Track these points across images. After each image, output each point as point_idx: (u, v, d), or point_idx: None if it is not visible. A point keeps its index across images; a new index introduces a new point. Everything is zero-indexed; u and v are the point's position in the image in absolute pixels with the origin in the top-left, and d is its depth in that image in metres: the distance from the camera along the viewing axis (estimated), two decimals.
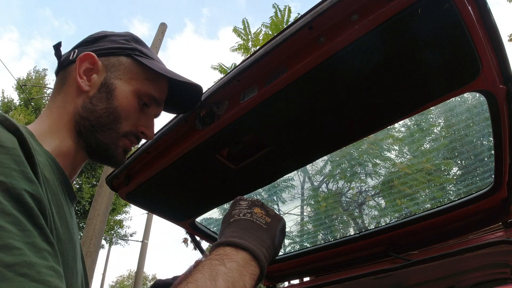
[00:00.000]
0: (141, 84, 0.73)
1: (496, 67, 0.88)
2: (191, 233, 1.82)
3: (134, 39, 0.78)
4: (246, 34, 9.09)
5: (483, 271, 1.41)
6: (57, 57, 0.74)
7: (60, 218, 0.53)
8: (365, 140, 6.04)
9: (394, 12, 0.76)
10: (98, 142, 0.69)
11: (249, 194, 1.58)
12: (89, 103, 0.69)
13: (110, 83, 0.70)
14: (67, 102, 0.69)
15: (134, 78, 0.72)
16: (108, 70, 0.71)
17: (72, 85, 0.70)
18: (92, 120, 0.68)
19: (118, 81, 0.71)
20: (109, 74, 0.71)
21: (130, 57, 0.74)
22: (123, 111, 0.70)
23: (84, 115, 0.68)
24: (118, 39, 0.76)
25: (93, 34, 0.78)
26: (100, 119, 0.68)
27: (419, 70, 0.91)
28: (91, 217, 5.93)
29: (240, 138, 1.17)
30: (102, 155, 0.71)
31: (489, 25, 0.79)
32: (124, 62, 0.73)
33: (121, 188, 1.40)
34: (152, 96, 0.75)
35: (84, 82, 0.69)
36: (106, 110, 0.69)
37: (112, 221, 16.48)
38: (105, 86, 0.70)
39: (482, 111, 4.01)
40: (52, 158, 0.60)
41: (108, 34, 0.77)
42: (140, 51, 0.76)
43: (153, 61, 0.77)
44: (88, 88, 0.69)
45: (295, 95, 0.97)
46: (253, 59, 0.92)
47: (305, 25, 0.81)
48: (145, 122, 0.75)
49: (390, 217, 6.38)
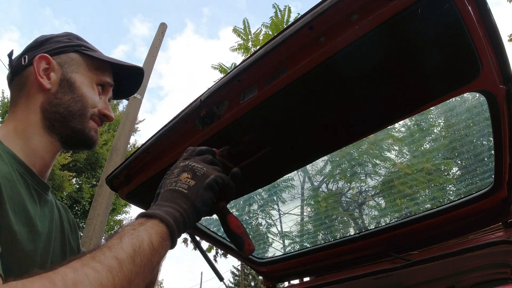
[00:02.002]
0: (94, 73, 0.83)
1: (496, 67, 0.88)
2: (191, 233, 1.82)
3: (75, 37, 0.87)
4: (246, 34, 9.10)
5: (483, 271, 1.41)
6: (9, 65, 0.80)
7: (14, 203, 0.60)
8: (365, 140, 6.04)
9: (394, 12, 0.76)
10: (73, 129, 0.77)
11: (249, 194, 1.58)
12: (54, 98, 0.75)
13: (69, 77, 0.78)
14: (30, 104, 0.75)
15: (86, 69, 0.82)
16: (62, 67, 0.79)
17: (32, 87, 0.75)
18: (62, 111, 0.75)
19: (75, 74, 0.79)
20: (65, 70, 0.78)
21: (78, 52, 0.83)
22: (87, 97, 0.79)
23: (53, 110, 0.75)
24: (62, 39, 0.84)
25: (37, 39, 0.85)
26: (69, 108, 0.76)
27: (419, 70, 0.91)
28: (91, 217, 5.93)
29: (240, 138, 1.17)
30: (79, 140, 0.79)
31: (489, 25, 0.79)
32: (74, 57, 0.82)
33: (121, 188, 1.40)
34: (105, 81, 0.85)
35: (45, 80, 0.75)
36: (73, 100, 0.76)
37: (112, 221, 16.48)
38: (65, 81, 0.77)
39: (482, 111, 4.01)
40: (10, 152, 0.67)
41: (51, 36, 0.85)
42: (85, 46, 0.84)
43: (97, 53, 0.86)
44: (50, 86, 0.76)
45: (295, 95, 0.97)
46: (253, 59, 0.92)
47: (305, 25, 0.81)
48: (104, 105, 0.84)
49: (390, 217, 6.38)
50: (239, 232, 0.74)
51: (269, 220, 7.27)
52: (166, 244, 0.58)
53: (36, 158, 0.73)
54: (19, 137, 0.72)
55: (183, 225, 0.61)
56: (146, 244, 0.53)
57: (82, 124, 0.78)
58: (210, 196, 0.67)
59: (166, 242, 0.58)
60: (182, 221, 0.61)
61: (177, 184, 0.67)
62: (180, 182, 0.67)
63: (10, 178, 0.62)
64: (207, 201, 0.66)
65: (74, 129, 0.77)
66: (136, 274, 0.50)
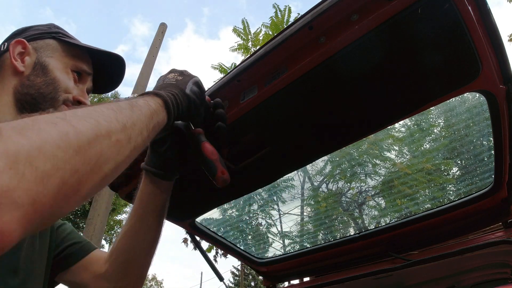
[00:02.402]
0: (69, 59, 0.83)
1: (496, 67, 0.88)
2: (191, 233, 1.82)
3: (56, 26, 0.88)
4: (246, 34, 9.10)
5: (483, 271, 1.41)
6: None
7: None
8: (365, 140, 6.04)
9: (394, 12, 0.76)
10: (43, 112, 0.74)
11: (249, 194, 1.58)
12: (27, 80, 0.76)
13: (43, 61, 0.79)
14: (4, 85, 0.76)
15: (62, 55, 0.82)
16: (38, 51, 0.80)
17: (7, 70, 0.77)
18: (33, 93, 0.75)
19: (49, 59, 0.80)
20: (40, 54, 0.79)
21: (55, 39, 0.84)
22: (60, 81, 0.78)
23: (24, 91, 0.75)
24: (42, 27, 0.86)
25: (19, 28, 0.87)
26: (40, 90, 0.76)
27: (419, 70, 0.91)
28: (91, 217, 5.93)
29: (240, 138, 1.17)
30: None
31: (489, 25, 0.79)
32: (51, 43, 0.83)
33: (121, 188, 1.40)
34: (81, 68, 0.84)
35: (19, 63, 0.77)
36: (45, 82, 0.77)
37: (112, 221, 16.48)
38: (39, 64, 0.78)
39: (482, 111, 4.01)
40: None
41: (33, 26, 0.87)
42: (62, 34, 0.86)
43: (75, 40, 0.86)
44: (23, 69, 0.77)
45: (295, 95, 0.97)
46: (253, 59, 0.92)
47: (305, 25, 0.81)
48: (80, 92, 0.83)
49: (390, 217, 6.39)
50: (212, 158, 0.72)
51: (269, 220, 7.28)
52: (162, 113, 0.59)
53: None
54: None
55: (175, 103, 0.63)
56: (142, 102, 0.55)
57: (53, 107, 0.77)
58: (197, 91, 0.70)
59: (161, 110, 0.59)
60: (175, 100, 0.63)
61: (165, 80, 0.71)
62: (167, 78, 0.72)
63: None
64: (195, 92, 0.69)
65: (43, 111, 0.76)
66: (132, 122, 0.49)
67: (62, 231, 0.86)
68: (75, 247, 0.85)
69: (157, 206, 0.79)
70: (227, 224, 5.73)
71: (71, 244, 0.85)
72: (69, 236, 0.86)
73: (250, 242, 6.41)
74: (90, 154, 0.38)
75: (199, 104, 0.72)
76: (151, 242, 0.81)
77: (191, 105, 0.69)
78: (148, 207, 0.79)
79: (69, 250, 0.83)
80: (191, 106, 0.69)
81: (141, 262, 0.81)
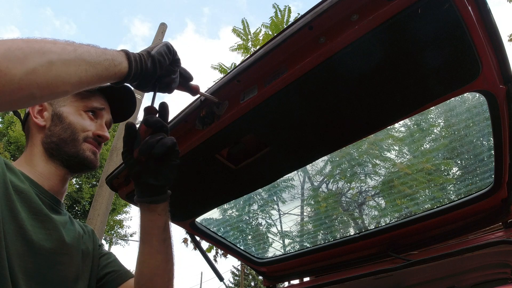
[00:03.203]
0: (80, 102, 0.91)
1: (496, 67, 0.88)
2: (191, 233, 1.82)
3: None
4: (245, 34, 9.10)
5: (483, 271, 1.41)
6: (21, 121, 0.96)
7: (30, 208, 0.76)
8: (365, 140, 6.04)
9: (394, 12, 0.76)
10: (67, 153, 0.87)
11: (249, 194, 1.58)
12: (48, 131, 0.88)
13: (58, 111, 0.89)
14: (34, 140, 0.89)
15: (72, 100, 0.91)
16: (52, 105, 0.90)
17: (33, 128, 0.90)
18: (56, 140, 0.87)
19: (62, 108, 0.89)
20: (54, 106, 0.90)
21: None
22: (75, 124, 0.88)
23: (49, 140, 0.87)
24: None
25: None
26: (61, 136, 0.87)
27: (419, 70, 0.91)
28: (91, 217, 5.93)
29: (240, 138, 1.17)
30: (76, 162, 0.88)
31: (489, 25, 0.79)
32: None
33: (121, 188, 1.40)
34: (92, 106, 0.92)
35: (39, 120, 0.89)
36: (62, 129, 0.87)
37: (112, 221, 16.47)
38: (55, 115, 0.89)
39: (482, 111, 4.01)
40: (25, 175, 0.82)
41: None
42: None
43: None
44: (44, 123, 0.88)
45: (295, 95, 0.97)
46: (253, 59, 0.92)
47: (305, 25, 0.81)
48: (98, 127, 0.92)
49: (390, 217, 6.39)
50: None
51: (269, 220, 7.28)
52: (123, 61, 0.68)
53: (44, 179, 0.85)
54: (27, 165, 0.86)
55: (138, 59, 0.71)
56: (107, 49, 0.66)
57: (75, 147, 0.87)
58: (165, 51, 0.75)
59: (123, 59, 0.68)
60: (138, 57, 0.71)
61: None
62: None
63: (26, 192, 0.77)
64: (161, 52, 0.75)
65: (68, 153, 0.87)
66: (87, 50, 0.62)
67: (107, 258, 0.98)
68: (115, 273, 0.95)
69: (159, 228, 0.84)
70: (227, 224, 5.72)
71: (112, 271, 0.95)
72: (112, 263, 0.97)
73: (250, 242, 6.40)
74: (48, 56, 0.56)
75: (167, 64, 0.77)
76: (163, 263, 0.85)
77: (155, 63, 0.74)
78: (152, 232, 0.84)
79: (110, 276, 0.95)
80: (155, 64, 0.74)
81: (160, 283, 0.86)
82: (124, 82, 0.71)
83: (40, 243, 0.74)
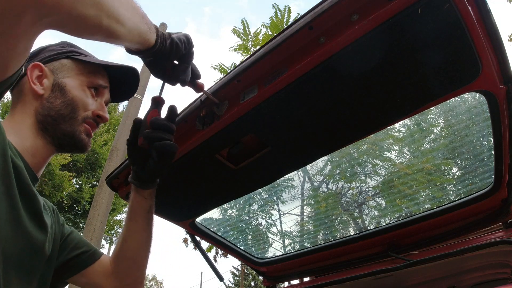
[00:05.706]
0: (85, 76, 0.86)
1: (496, 67, 0.88)
2: (191, 233, 1.82)
3: (69, 44, 0.92)
4: (245, 34, 9.09)
5: (483, 271, 1.41)
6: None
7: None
8: (365, 140, 6.04)
9: (394, 12, 0.76)
10: (63, 131, 0.81)
11: (249, 194, 1.58)
12: (46, 102, 0.80)
13: (60, 82, 0.83)
14: (26, 108, 0.81)
15: (78, 73, 0.86)
16: (54, 73, 0.84)
17: (28, 94, 0.81)
18: (53, 114, 0.80)
19: (66, 79, 0.83)
20: (57, 76, 0.83)
21: (69, 58, 0.87)
22: (78, 100, 0.83)
23: (45, 113, 0.80)
24: (55, 47, 0.89)
25: (33, 50, 0.89)
26: (60, 111, 0.80)
27: (419, 70, 0.91)
28: (91, 217, 5.92)
29: (240, 138, 1.17)
30: (69, 142, 0.83)
31: (489, 25, 0.79)
32: (66, 63, 0.86)
33: (121, 188, 1.40)
34: (97, 83, 0.88)
35: (38, 87, 0.81)
36: (63, 103, 0.81)
37: (112, 221, 16.47)
38: (57, 85, 0.82)
39: (482, 111, 4.01)
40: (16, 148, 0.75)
41: (46, 46, 0.91)
42: (76, 52, 0.89)
43: (88, 57, 0.90)
44: (43, 92, 0.81)
45: (295, 95, 0.97)
46: (253, 59, 0.92)
47: (305, 25, 0.81)
48: (99, 106, 0.88)
49: (390, 217, 6.39)
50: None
51: (269, 220, 7.28)
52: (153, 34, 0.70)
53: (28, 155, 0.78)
54: (16, 136, 0.77)
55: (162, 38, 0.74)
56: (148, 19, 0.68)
57: (72, 127, 0.82)
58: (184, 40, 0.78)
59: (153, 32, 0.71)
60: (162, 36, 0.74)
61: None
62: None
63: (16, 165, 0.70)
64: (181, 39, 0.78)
65: (64, 131, 0.81)
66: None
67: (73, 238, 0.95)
68: (86, 253, 0.95)
69: (144, 209, 0.93)
70: (227, 224, 5.73)
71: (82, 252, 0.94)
72: (80, 243, 0.96)
73: (250, 242, 6.40)
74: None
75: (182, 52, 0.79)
76: (144, 240, 0.95)
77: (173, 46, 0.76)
78: (137, 211, 0.93)
79: (81, 257, 0.94)
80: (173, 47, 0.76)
81: (139, 258, 0.96)
82: (144, 53, 0.72)
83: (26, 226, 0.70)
